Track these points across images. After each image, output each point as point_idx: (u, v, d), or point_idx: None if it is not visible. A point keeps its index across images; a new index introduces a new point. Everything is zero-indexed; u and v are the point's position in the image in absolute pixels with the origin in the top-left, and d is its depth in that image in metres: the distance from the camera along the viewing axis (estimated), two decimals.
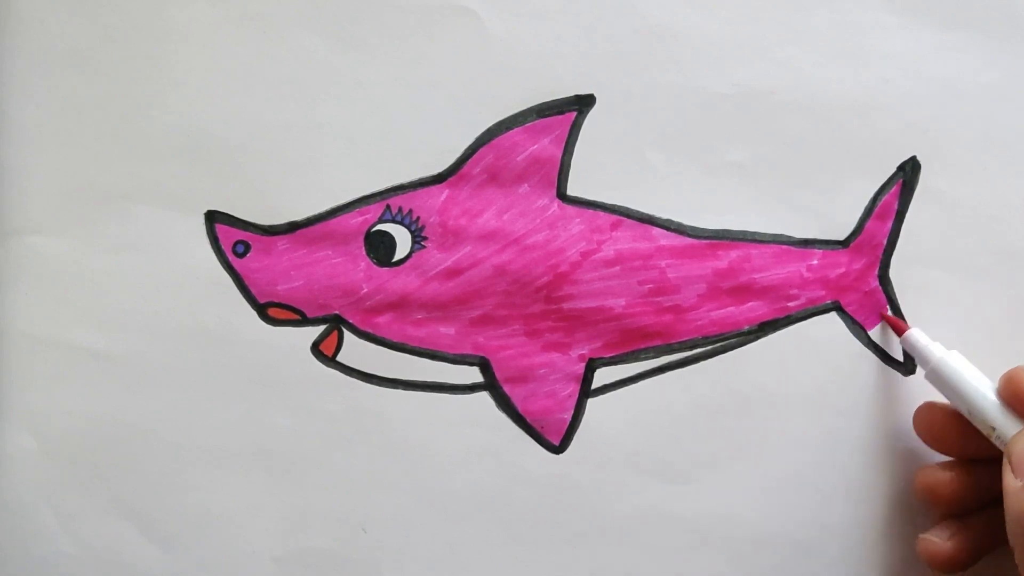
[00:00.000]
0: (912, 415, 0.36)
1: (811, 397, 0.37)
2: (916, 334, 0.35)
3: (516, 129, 0.36)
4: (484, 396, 0.36)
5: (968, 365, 0.34)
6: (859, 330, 0.37)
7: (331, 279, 0.36)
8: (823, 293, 0.37)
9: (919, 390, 0.36)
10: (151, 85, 0.36)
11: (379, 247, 0.36)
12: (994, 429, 0.32)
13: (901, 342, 0.36)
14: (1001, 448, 0.32)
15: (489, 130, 0.36)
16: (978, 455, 0.34)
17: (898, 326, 0.36)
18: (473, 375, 0.36)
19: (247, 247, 0.36)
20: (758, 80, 0.36)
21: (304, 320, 0.36)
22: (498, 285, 0.36)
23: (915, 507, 0.37)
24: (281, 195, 0.36)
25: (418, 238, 0.36)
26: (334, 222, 0.36)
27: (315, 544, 0.37)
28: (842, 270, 0.37)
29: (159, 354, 0.36)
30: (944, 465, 0.35)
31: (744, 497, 0.37)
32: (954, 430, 0.34)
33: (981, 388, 0.33)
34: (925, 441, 0.35)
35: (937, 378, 0.34)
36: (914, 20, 0.36)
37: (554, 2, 0.36)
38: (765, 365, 0.37)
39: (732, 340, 0.37)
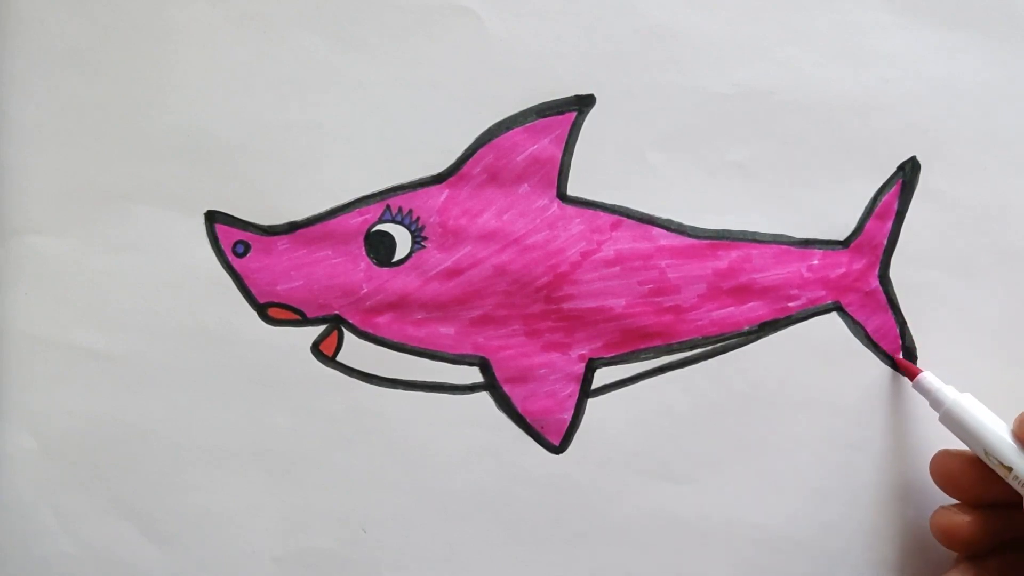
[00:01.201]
0: (906, 410, 0.36)
1: (811, 397, 0.37)
2: (928, 378, 0.35)
3: (516, 129, 0.36)
4: (484, 396, 0.36)
5: (982, 407, 0.34)
6: (859, 330, 0.37)
7: (331, 279, 0.36)
8: (823, 293, 0.37)
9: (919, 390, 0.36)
10: (151, 85, 0.36)
11: (379, 247, 0.36)
12: (1011, 470, 0.32)
13: (913, 385, 0.36)
14: (1019, 489, 0.32)
15: (489, 130, 0.36)
16: (995, 499, 0.34)
17: (910, 370, 0.36)
18: (473, 375, 0.36)
19: (247, 247, 0.36)
20: (758, 80, 0.36)
21: (304, 320, 0.36)
22: (498, 285, 0.36)
23: (914, 507, 0.37)
24: (281, 195, 0.36)
25: (418, 238, 0.36)
26: (334, 222, 0.36)
27: (315, 544, 0.37)
28: (842, 270, 0.37)
29: (159, 354, 0.36)
30: (960, 507, 0.34)
31: (744, 497, 0.37)
32: (971, 477, 0.34)
33: (996, 429, 0.33)
34: (942, 488, 0.35)
35: (951, 421, 0.34)
36: (914, 20, 0.36)
37: (554, 2, 0.36)
38: (765, 365, 0.37)
39: (732, 340, 0.37)
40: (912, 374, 0.36)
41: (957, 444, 0.34)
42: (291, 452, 0.36)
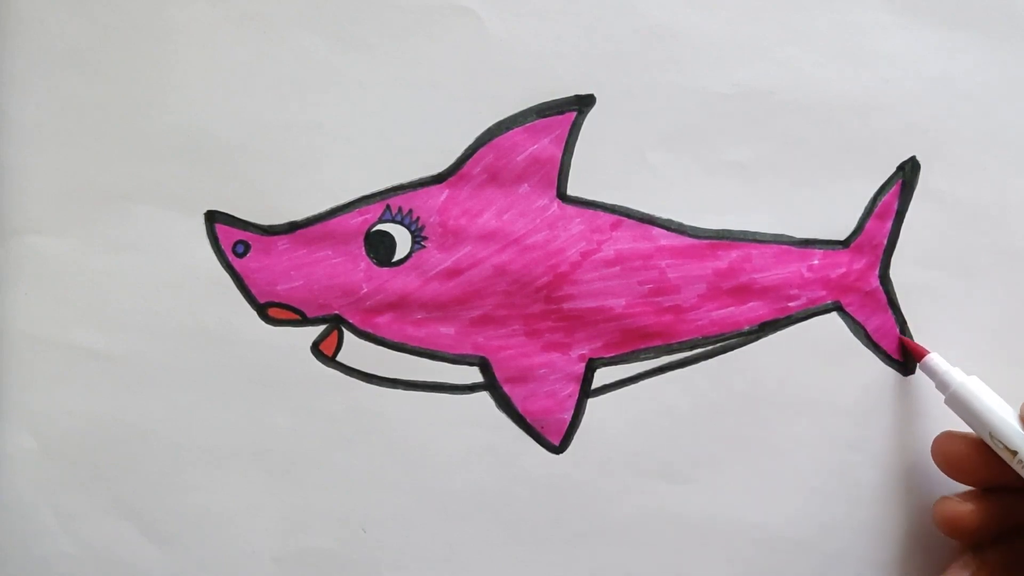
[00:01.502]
0: (906, 410, 0.36)
1: (811, 397, 0.37)
2: (935, 359, 0.35)
3: (516, 129, 0.36)
4: (484, 396, 0.36)
5: (988, 391, 0.34)
6: (860, 330, 0.37)
7: (331, 279, 0.36)
8: (824, 293, 0.37)
9: (919, 390, 0.36)
10: (151, 85, 0.36)
11: (379, 247, 0.36)
12: (1015, 454, 0.32)
13: (920, 367, 0.36)
14: (1023, 473, 0.32)
15: (489, 130, 0.36)
16: (998, 483, 0.34)
17: (917, 351, 0.36)
18: (473, 375, 0.36)
19: (247, 247, 0.36)
20: (758, 80, 0.36)
21: (304, 320, 0.36)
22: (498, 285, 0.36)
23: (915, 507, 0.37)
24: (281, 195, 0.36)
25: (418, 238, 0.36)
26: (334, 222, 0.36)
27: (315, 544, 0.37)
28: (843, 270, 0.37)
29: (159, 354, 0.36)
30: (964, 497, 0.34)
31: (744, 497, 0.37)
32: (974, 459, 0.34)
33: (1002, 413, 0.33)
34: (944, 471, 0.35)
35: (957, 403, 0.34)
36: (914, 20, 0.36)
37: (554, 2, 0.36)
38: (766, 365, 0.37)
39: (733, 340, 0.37)
40: (919, 355, 0.36)
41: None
42: (291, 452, 0.36)
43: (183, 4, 0.36)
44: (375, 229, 0.36)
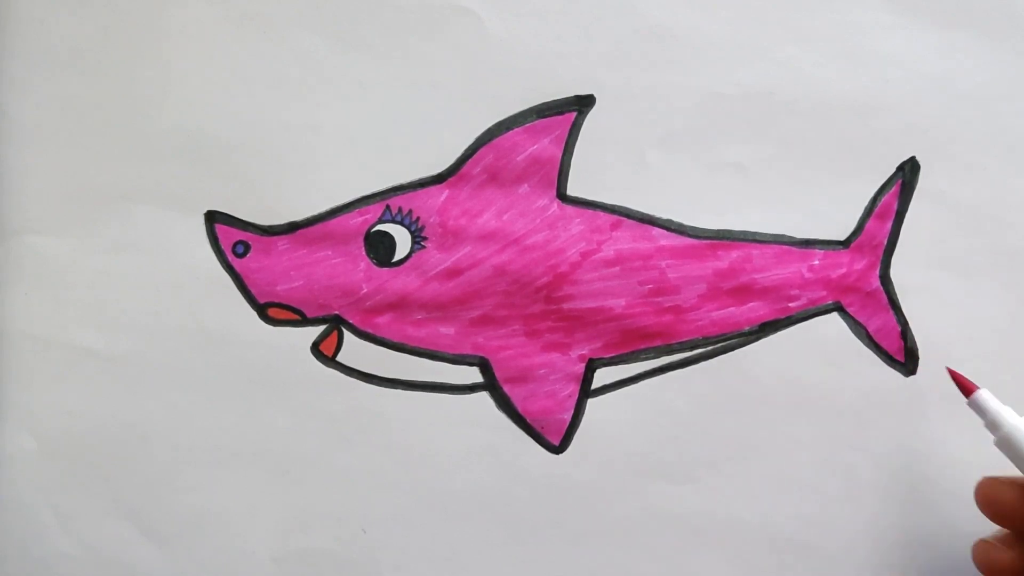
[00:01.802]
0: (907, 410, 0.36)
1: (812, 397, 0.37)
2: (985, 396, 0.33)
3: (516, 129, 0.36)
4: (484, 396, 0.36)
5: None
6: (860, 330, 0.37)
7: (331, 279, 0.36)
8: (824, 293, 0.37)
9: (920, 391, 0.36)
10: (151, 85, 0.36)
11: (379, 247, 0.36)
12: None
13: (968, 403, 0.34)
14: None
15: (489, 130, 0.36)
16: None
17: (966, 386, 0.34)
18: (473, 375, 0.36)
19: (247, 247, 0.36)
20: (758, 80, 0.36)
21: (304, 320, 0.36)
22: (498, 285, 0.36)
23: (914, 506, 0.37)
24: (281, 195, 0.36)
25: (418, 238, 0.36)
26: (334, 222, 0.36)
27: (315, 544, 0.37)
28: (843, 270, 0.37)
29: (159, 354, 0.36)
30: (1004, 541, 0.33)
31: (744, 497, 0.37)
32: (1022, 504, 0.32)
33: None
34: (989, 516, 0.33)
35: (1009, 447, 0.32)
36: (914, 20, 0.36)
37: (554, 2, 0.36)
38: (766, 365, 0.37)
39: (733, 340, 0.37)
40: (968, 391, 0.34)
41: (964, 446, 0.35)
42: (291, 452, 0.36)
43: (183, 4, 0.36)
44: (375, 229, 0.36)
